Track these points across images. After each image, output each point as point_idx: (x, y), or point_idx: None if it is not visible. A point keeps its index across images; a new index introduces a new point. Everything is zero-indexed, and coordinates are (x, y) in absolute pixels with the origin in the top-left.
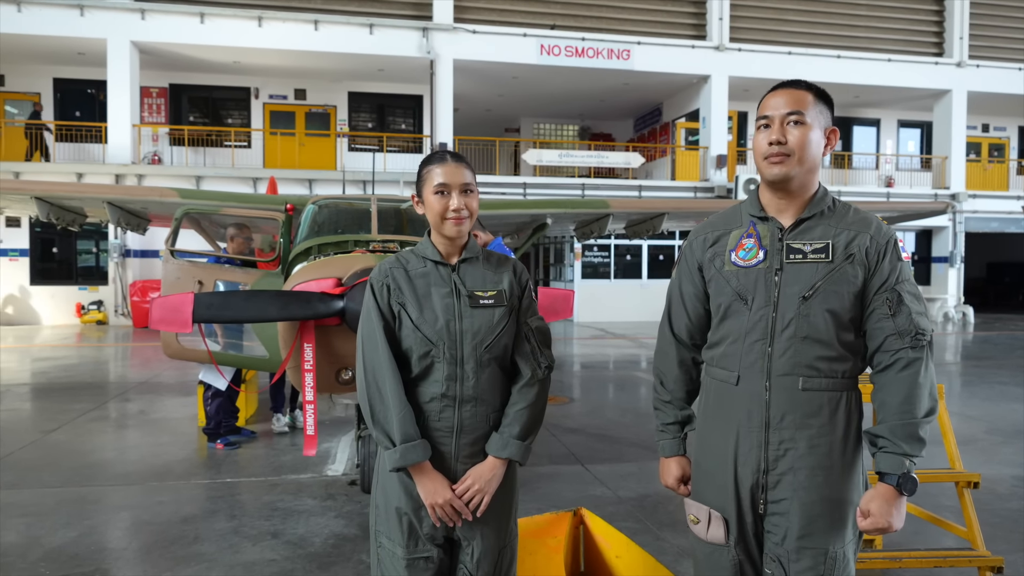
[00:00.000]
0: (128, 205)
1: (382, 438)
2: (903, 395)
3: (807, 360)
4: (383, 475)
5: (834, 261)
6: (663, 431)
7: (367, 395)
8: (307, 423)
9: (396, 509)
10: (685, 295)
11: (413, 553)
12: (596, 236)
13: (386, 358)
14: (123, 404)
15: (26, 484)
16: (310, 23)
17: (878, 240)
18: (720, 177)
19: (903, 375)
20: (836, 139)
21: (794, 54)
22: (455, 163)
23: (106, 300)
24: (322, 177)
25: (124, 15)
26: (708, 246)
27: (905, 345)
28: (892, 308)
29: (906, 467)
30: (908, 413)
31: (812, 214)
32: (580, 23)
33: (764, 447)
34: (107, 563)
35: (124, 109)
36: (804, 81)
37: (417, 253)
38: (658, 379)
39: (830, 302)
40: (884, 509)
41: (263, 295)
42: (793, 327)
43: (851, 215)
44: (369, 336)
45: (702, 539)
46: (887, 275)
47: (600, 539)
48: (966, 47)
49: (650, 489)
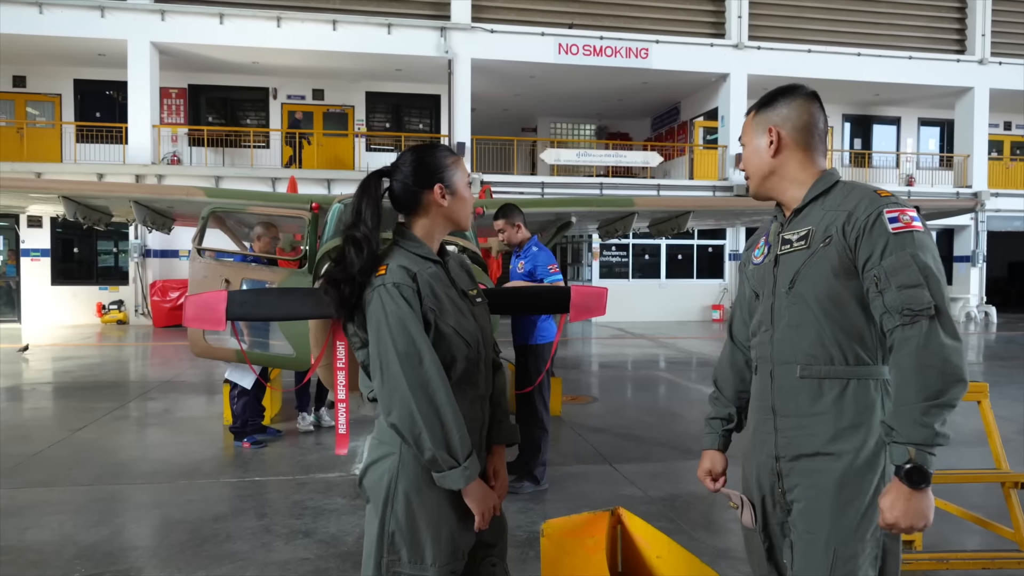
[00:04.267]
0: (154, 204)
1: (444, 459)
2: (901, 377)
3: (802, 347)
4: (411, 495)
5: (811, 247)
6: (707, 425)
7: (418, 415)
8: (339, 421)
9: (435, 529)
10: (739, 297)
11: (448, 568)
12: (620, 235)
13: (440, 372)
14: (147, 403)
15: (57, 482)
16: (328, 23)
17: (857, 217)
18: (739, 176)
19: (900, 355)
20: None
21: (813, 52)
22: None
23: (126, 300)
24: (341, 177)
25: (144, 16)
26: (747, 249)
27: (897, 323)
28: (879, 285)
29: (909, 456)
30: (907, 396)
31: (805, 203)
32: (598, 22)
33: (775, 433)
34: (141, 561)
35: (144, 110)
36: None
37: (414, 252)
38: (714, 376)
39: (812, 288)
40: (891, 504)
41: (296, 292)
42: (787, 316)
43: (841, 196)
44: (412, 349)
45: (741, 522)
46: (871, 252)
47: (639, 539)
48: (988, 44)
49: (681, 489)
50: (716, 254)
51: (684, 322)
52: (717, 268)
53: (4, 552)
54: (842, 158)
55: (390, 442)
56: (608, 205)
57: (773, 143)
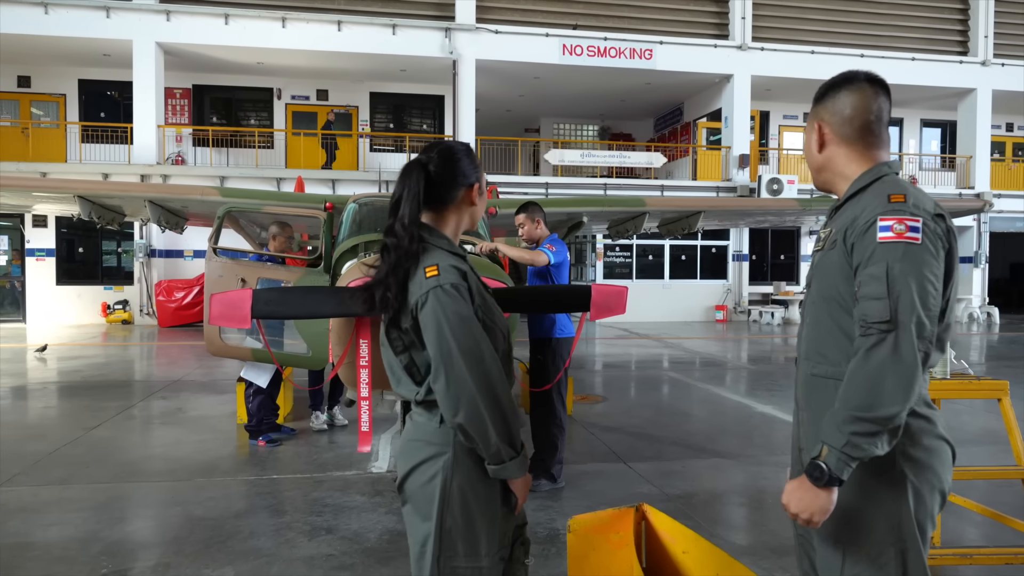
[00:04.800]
0: (168, 204)
1: (506, 451)
2: (843, 384)
3: (815, 346)
4: (466, 490)
5: (825, 248)
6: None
7: (484, 413)
8: (362, 419)
9: (489, 519)
10: None
11: (500, 555)
12: (631, 235)
13: (499, 368)
14: (159, 402)
15: (76, 480)
16: (333, 24)
17: (859, 222)
18: (743, 177)
19: (854, 363)
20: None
21: (817, 53)
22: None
23: (131, 300)
24: (345, 177)
25: (150, 16)
26: None
27: (858, 332)
28: (858, 292)
29: (818, 452)
30: (840, 400)
31: (843, 202)
32: (602, 23)
33: (799, 426)
34: (167, 557)
35: (149, 110)
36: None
37: (450, 251)
38: None
39: (824, 289)
40: (791, 489)
41: (321, 291)
42: (808, 315)
43: (870, 197)
44: (476, 348)
45: None
46: (860, 259)
47: (665, 535)
48: (991, 45)
49: (697, 487)
50: (719, 255)
51: (688, 322)
52: (720, 269)
53: (31, 548)
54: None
55: (440, 442)
56: (620, 205)
57: (818, 139)
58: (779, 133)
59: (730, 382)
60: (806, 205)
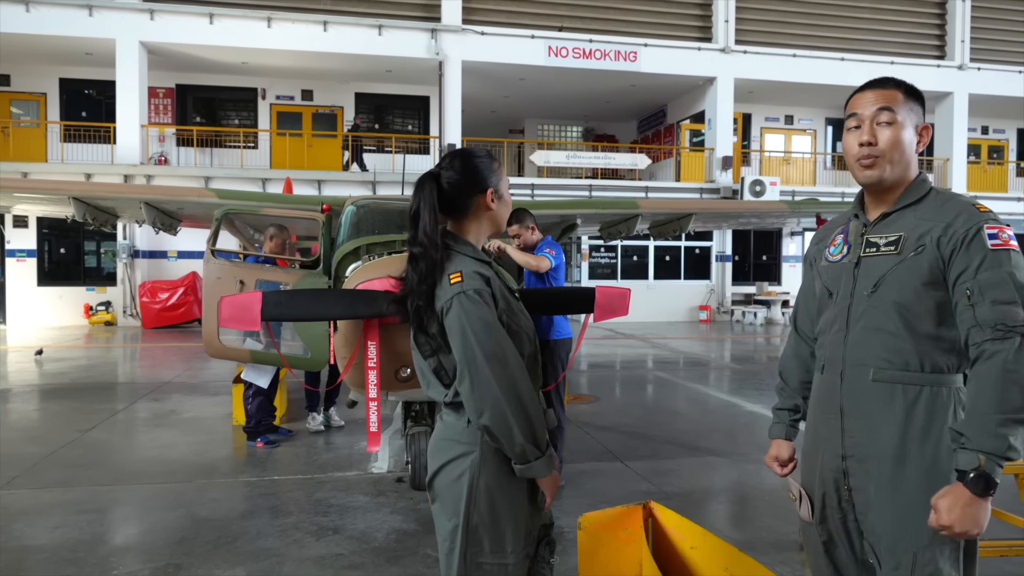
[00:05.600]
0: (164, 205)
1: (531, 450)
2: (981, 388)
3: (877, 351)
4: (492, 488)
5: (902, 253)
6: (774, 415)
7: (509, 414)
8: (370, 419)
9: (516, 519)
10: (804, 291)
11: (526, 552)
12: (622, 236)
13: (523, 371)
14: (152, 404)
15: (76, 482)
16: (319, 24)
17: (956, 228)
18: (726, 178)
19: (984, 368)
20: (928, 136)
21: (798, 56)
22: None
23: (114, 301)
24: (331, 178)
25: (133, 15)
26: (816, 244)
27: (987, 337)
28: (972, 299)
29: (978, 463)
30: (984, 407)
31: (899, 207)
32: (587, 25)
33: (842, 434)
34: (178, 557)
35: (133, 110)
36: (894, 79)
37: (474, 256)
38: (779, 368)
39: (897, 295)
40: (950, 507)
41: (330, 294)
42: (864, 319)
43: (944, 204)
44: (500, 351)
45: (799, 514)
46: (966, 265)
47: (672, 531)
48: (967, 50)
49: (695, 485)
50: (703, 256)
51: (672, 322)
52: (704, 269)
53: (38, 551)
54: (824, 161)
55: (468, 441)
56: (614, 207)
57: (920, 142)
58: (761, 135)
59: (717, 381)
60: (794, 207)
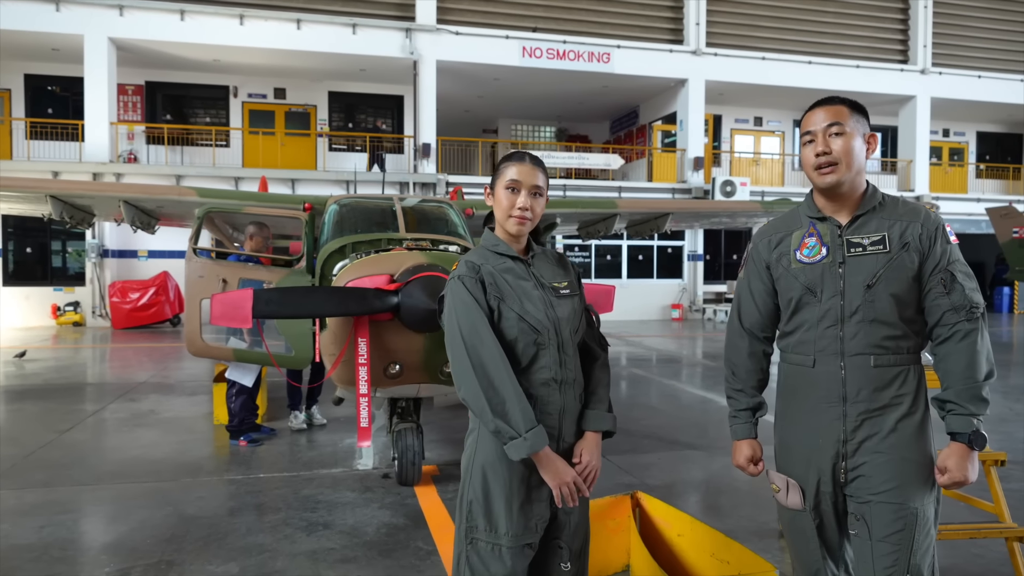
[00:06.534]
0: (143, 204)
1: (504, 429)
2: (964, 362)
3: (876, 340)
4: (486, 468)
5: (891, 251)
6: (735, 416)
7: (480, 390)
8: (361, 415)
9: (506, 500)
10: (755, 292)
11: (522, 540)
12: (601, 235)
13: (497, 351)
14: (129, 404)
15: (59, 482)
16: (293, 22)
17: (928, 227)
18: (697, 179)
19: (962, 344)
20: (876, 143)
21: (768, 60)
22: (531, 164)
23: (83, 301)
24: (305, 177)
25: (102, 11)
26: (773, 247)
27: (961, 318)
28: (947, 286)
29: (974, 425)
30: (971, 378)
31: (865, 210)
32: (561, 26)
33: (843, 419)
34: (169, 554)
35: (102, 107)
36: (839, 97)
37: (490, 249)
38: (730, 370)
39: (892, 287)
40: (959, 464)
41: (320, 291)
42: (861, 312)
43: (900, 207)
44: (473, 331)
45: (784, 505)
46: (939, 258)
47: (659, 520)
48: (930, 55)
49: (674, 478)
50: (675, 255)
51: (646, 321)
52: (676, 268)
53: (27, 550)
54: (793, 162)
55: (474, 421)
56: (593, 207)
57: (870, 149)
58: (731, 136)
59: (692, 378)
60: (768, 207)
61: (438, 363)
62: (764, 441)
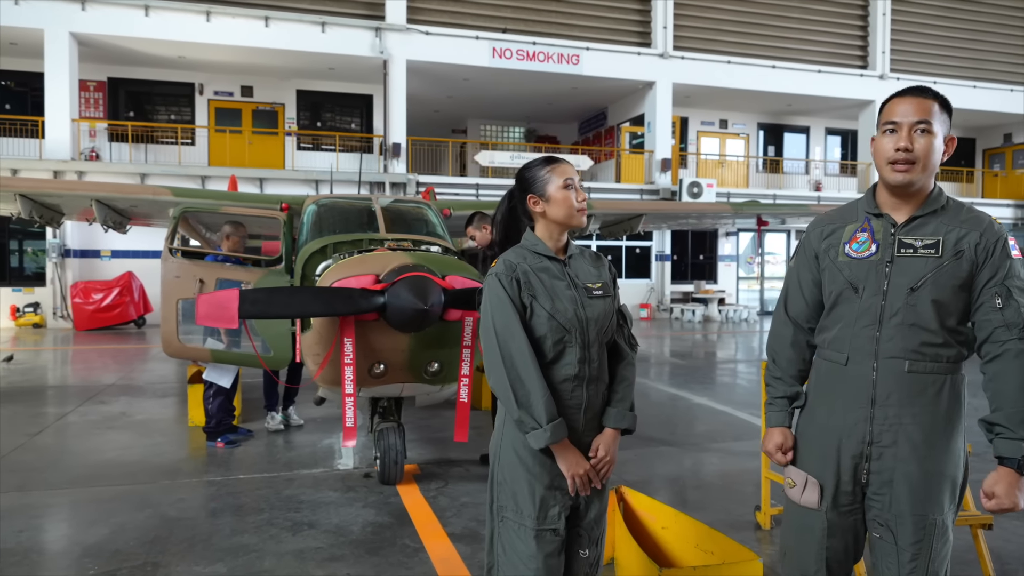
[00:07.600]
0: (116, 203)
1: (527, 420)
2: (1015, 384)
3: (913, 345)
4: (514, 454)
5: (943, 256)
6: (772, 404)
7: (508, 381)
8: (347, 415)
9: (529, 484)
10: (803, 281)
11: (543, 524)
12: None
13: (527, 346)
14: (99, 407)
15: (33, 486)
16: (260, 19)
17: (988, 238)
18: (665, 180)
19: (1014, 365)
20: (953, 146)
21: (733, 63)
22: (569, 162)
23: (43, 302)
24: (273, 176)
25: (63, 4)
26: (824, 237)
27: (1013, 336)
28: (1002, 301)
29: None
30: (1022, 400)
31: (926, 212)
32: (531, 27)
33: (870, 421)
34: (154, 556)
35: (63, 103)
36: (930, 89)
37: (529, 248)
38: (771, 357)
39: (936, 293)
40: (1008, 491)
41: (307, 291)
42: (901, 315)
43: (964, 214)
44: (506, 326)
45: (795, 502)
46: (996, 271)
47: (643, 513)
48: (888, 61)
49: (651, 473)
50: (643, 255)
51: None
52: (644, 268)
53: (6, 555)
54: (757, 164)
55: (503, 408)
56: None
57: (946, 152)
58: (697, 138)
59: (660, 376)
60: (737, 208)
61: (422, 363)
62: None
